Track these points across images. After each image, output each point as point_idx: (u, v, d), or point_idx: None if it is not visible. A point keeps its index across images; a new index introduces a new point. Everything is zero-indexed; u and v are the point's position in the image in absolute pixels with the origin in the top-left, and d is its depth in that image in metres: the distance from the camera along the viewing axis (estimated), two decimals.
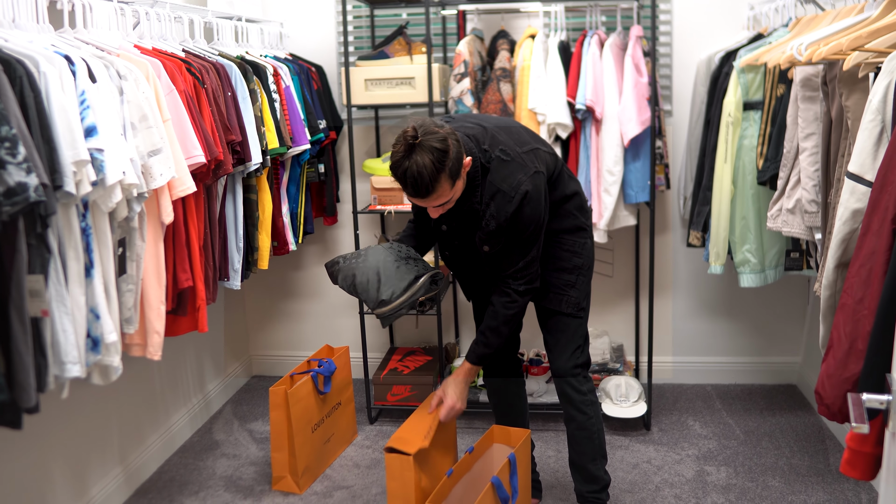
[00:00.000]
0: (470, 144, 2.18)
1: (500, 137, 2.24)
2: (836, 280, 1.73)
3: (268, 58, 3.19)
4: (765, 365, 3.78)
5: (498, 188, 2.19)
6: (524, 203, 2.18)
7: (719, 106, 2.97)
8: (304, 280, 4.01)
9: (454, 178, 2.06)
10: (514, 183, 2.18)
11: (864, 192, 1.64)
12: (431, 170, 1.99)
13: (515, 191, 2.17)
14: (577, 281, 2.44)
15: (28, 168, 1.61)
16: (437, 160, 1.99)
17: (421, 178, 1.99)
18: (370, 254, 2.36)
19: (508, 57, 3.27)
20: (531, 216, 2.21)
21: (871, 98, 1.70)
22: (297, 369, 3.05)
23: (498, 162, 2.20)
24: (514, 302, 2.33)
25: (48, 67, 1.82)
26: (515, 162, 2.20)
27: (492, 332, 2.38)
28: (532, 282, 2.33)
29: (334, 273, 2.39)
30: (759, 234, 2.98)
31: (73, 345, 1.84)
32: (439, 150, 1.99)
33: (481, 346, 2.41)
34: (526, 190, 2.17)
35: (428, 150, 1.98)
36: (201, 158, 2.33)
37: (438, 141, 2.00)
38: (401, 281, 2.31)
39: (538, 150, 2.29)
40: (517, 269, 2.30)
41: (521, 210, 2.19)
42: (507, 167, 2.20)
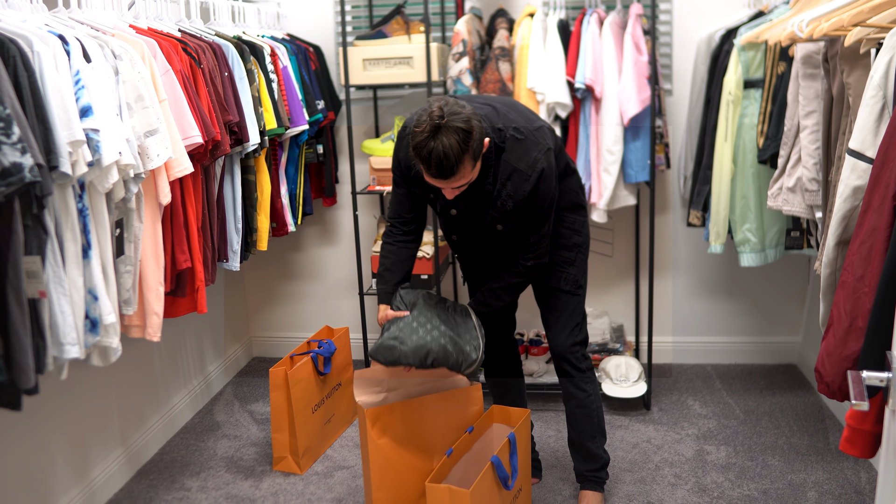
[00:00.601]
0: (484, 125, 2.16)
1: (512, 115, 2.23)
2: (837, 258, 1.73)
3: (265, 38, 3.16)
4: (765, 345, 3.78)
5: (515, 167, 2.18)
6: (541, 180, 2.19)
7: (720, 84, 2.95)
8: (303, 261, 4.00)
9: (476, 158, 2.03)
10: (531, 161, 2.18)
11: (864, 169, 1.63)
12: (458, 150, 1.96)
13: (532, 169, 2.17)
14: (575, 258, 2.45)
15: (23, 148, 1.60)
16: (462, 141, 1.96)
17: (447, 160, 1.96)
18: (422, 320, 2.29)
19: (507, 36, 3.24)
20: (546, 193, 2.22)
21: (873, 74, 1.69)
22: (297, 350, 3.05)
23: (513, 141, 2.18)
24: (520, 273, 2.36)
25: (42, 47, 1.80)
26: (529, 140, 2.19)
27: (491, 293, 2.41)
28: (541, 257, 2.34)
29: (397, 361, 2.26)
30: (760, 213, 2.98)
31: (71, 326, 1.83)
32: (465, 130, 1.97)
33: (477, 304, 2.44)
34: (542, 168, 2.18)
35: (454, 130, 1.95)
36: (198, 139, 2.32)
37: (463, 121, 1.97)
38: (468, 331, 2.35)
39: (545, 127, 2.29)
40: (528, 244, 2.31)
41: (537, 188, 2.20)
42: (523, 146, 2.18)
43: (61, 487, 2.55)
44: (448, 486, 2.09)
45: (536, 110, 3.14)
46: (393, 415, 2.42)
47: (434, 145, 1.95)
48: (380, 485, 2.43)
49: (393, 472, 2.43)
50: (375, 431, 2.40)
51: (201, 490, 2.83)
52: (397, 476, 2.44)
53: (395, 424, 2.43)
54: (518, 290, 2.42)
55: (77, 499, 2.61)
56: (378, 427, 2.41)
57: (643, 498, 2.68)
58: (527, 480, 2.51)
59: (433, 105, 1.98)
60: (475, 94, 2.39)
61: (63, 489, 2.56)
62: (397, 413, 2.43)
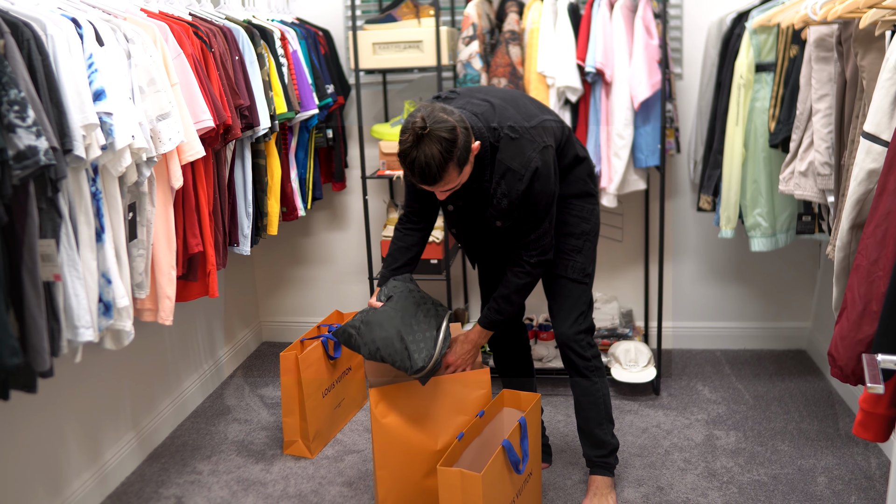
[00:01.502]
0: (478, 124, 2.17)
1: (508, 113, 2.22)
2: (851, 242, 1.72)
3: (275, 22, 3.16)
4: (775, 330, 3.78)
5: (508, 166, 2.18)
6: (535, 179, 2.19)
7: (731, 68, 2.93)
8: (313, 246, 4.01)
9: (462, 165, 2.06)
10: (524, 160, 2.18)
11: (879, 152, 1.62)
12: (440, 160, 1.99)
13: (526, 168, 2.17)
14: (583, 246, 2.45)
15: (38, 132, 1.60)
16: (445, 150, 1.99)
17: (429, 168, 2.00)
18: (386, 315, 2.32)
19: (517, 19, 3.23)
20: (542, 191, 2.22)
21: (889, 56, 1.67)
22: (307, 335, 3.06)
23: (507, 140, 2.19)
24: (526, 273, 2.35)
25: (55, 30, 1.80)
26: (524, 138, 2.19)
27: (504, 300, 2.40)
28: (544, 253, 2.34)
29: (353, 348, 2.36)
30: (771, 198, 2.96)
31: (85, 309, 1.84)
32: (448, 139, 1.99)
33: (493, 313, 2.43)
34: (536, 167, 2.18)
35: (437, 140, 1.98)
36: (210, 123, 2.32)
37: (447, 130, 1.99)
38: (425, 339, 2.32)
39: (546, 122, 2.27)
40: (529, 240, 2.31)
41: (531, 186, 2.19)
42: (516, 144, 2.19)
43: (74, 470, 2.57)
44: (459, 470, 2.10)
45: (546, 94, 3.13)
46: (398, 394, 2.44)
47: (417, 154, 1.99)
48: (383, 463, 2.45)
49: (396, 451, 2.45)
50: (380, 410, 2.42)
51: (212, 473, 2.85)
52: (400, 455, 2.46)
53: (399, 404, 2.45)
54: (528, 289, 2.40)
55: (90, 482, 2.63)
56: (382, 406, 2.43)
57: (653, 483, 2.69)
58: (537, 464, 2.51)
59: (417, 114, 2.01)
60: (478, 87, 2.37)
61: (76, 472, 2.58)
62: (402, 393, 2.44)
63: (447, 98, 2.28)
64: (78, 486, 2.58)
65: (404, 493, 2.48)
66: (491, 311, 2.43)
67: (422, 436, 2.47)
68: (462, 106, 2.20)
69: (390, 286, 2.42)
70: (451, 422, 2.48)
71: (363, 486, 2.75)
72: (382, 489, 2.46)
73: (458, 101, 2.24)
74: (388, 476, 2.46)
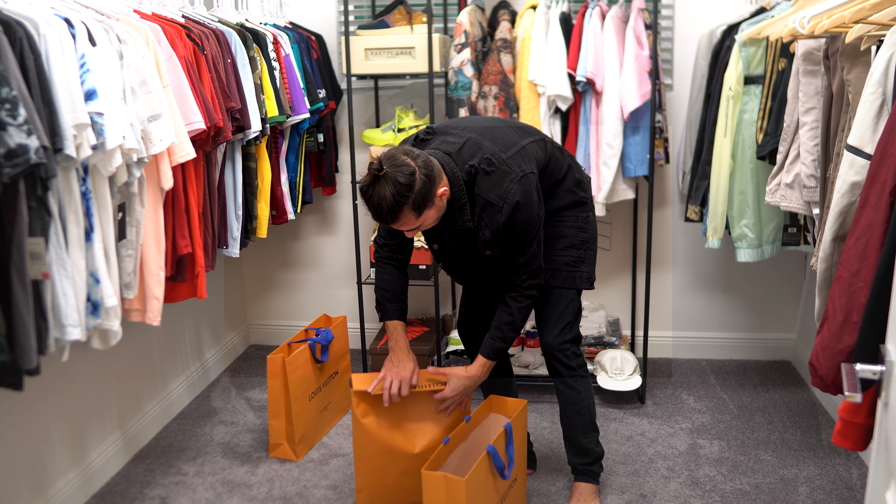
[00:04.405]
0: (451, 165, 2.18)
1: (485, 146, 2.23)
2: (833, 253, 1.74)
3: (267, 25, 3.17)
4: (760, 341, 3.80)
5: (486, 200, 2.19)
6: (515, 211, 2.19)
7: (720, 80, 2.96)
8: (302, 250, 4.01)
9: (420, 209, 2.08)
10: (502, 192, 2.18)
11: (863, 165, 1.65)
12: (392, 203, 2.02)
13: (504, 200, 2.18)
14: (585, 255, 2.48)
15: (29, 130, 1.61)
16: (398, 193, 2.01)
17: (381, 209, 2.05)
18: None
19: (509, 28, 3.25)
20: (525, 221, 2.23)
21: (873, 71, 1.70)
22: (294, 338, 3.06)
23: (482, 175, 2.19)
24: (524, 297, 2.37)
25: (48, 30, 1.81)
26: (500, 171, 2.19)
27: (508, 326, 2.39)
28: (535, 276, 2.35)
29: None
30: (758, 209, 2.99)
31: (73, 308, 1.85)
32: (402, 184, 2.01)
33: (498, 342, 2.42)
34: (516, 200, 2.18)
35: (391, 182, 2.01)
36: (201, 125, 2.33)
37: (404, 175, 2.02)
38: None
39: (525, 148, 2.28)
40: (518, 265, 2.32)
41: (513, 218, 2.20)
42: (493, 178, 2.19)
43: (59, 470, 2.57)
44: (444, 474, 2.11)
45: (537, 102, 3.15)
46: (379, 399, 2.46)
47: (371, 193, 2.05)
48: (361, 457, 2.52)
49: (373, 449, 2.50)
50: (360, 410, 2.48)
51: (197, 475, 2.85)
52: (378, 453, 2.51)
53: (380, 407, 2.49)
54: (527, 312, 2.40)
55: (74, 481, 2.63)
56: (363, 406, 2.48)
57: (636, 490, 2.70)
58: (522, 470, 2.52)
59: (378, 157, 2.06)
60: (456, 121, 2.37)
61: (61, 471, 2.57)
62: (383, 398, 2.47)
63: (423, 140, 2.29)
64: (62, 486, 2.57)
65: (381, 486, 2.55)
66: (495, 340, 2.41)
67: (400, 439, 2.52)
68: (437, 146, 2.23)
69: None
70: (429, 429, 2.53)
71: (348, 489, 2.75)
72: (360, 480, 2.56)
73: (433, 141, 2.26)
74: (365, 469, 2.54)
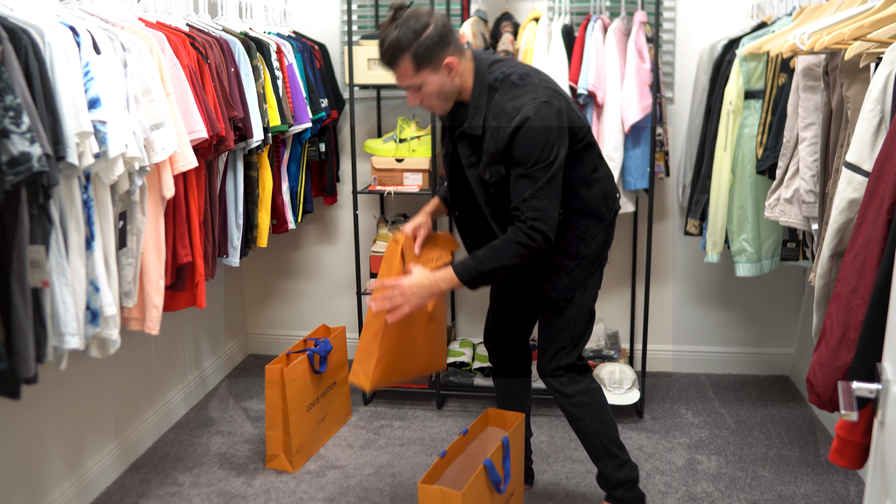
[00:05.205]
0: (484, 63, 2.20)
1: (530, 70, 2.21)
2: (831, 269, 1.75)
3: (271, 35, 3.18)
4: (758, 355, 3.80)
5: (502, 108, 2.14)
6: (522, 129, 2.09)
7: (721, 94, 2.97)
8: (302, 259, 4.01)
9: (419, 63, 2.11)
10: (518, 105, 2.11)
11: (861, 182, 1.65)
12: (395, 44, 2.09)
13: (516, 111, 2.10)
14: (574, 269, 2.32)
15: (32, 138, 1.62)
16: (403, 37, 2.07)
17: (384, 48, 2.12)
18: None
19: (512, 40, 3.26)
20: (531, 144, 2.10)
21: (872, 88, 1.71)
22: (293, 348, 3.07)
23: (509, 85, 2.16)
24: (525, 234, 2.13)
25: (53, 38, 1.82)
26: (528, 88, 2.14)
27: (490, 251, 2.18)
28: (542, 218, 2.12)
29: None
30: (757, 224, 2.99)
31: (72, 316, 1.85)
32: (411, 30, 2.07)
33: (472, 261, 2.20)
34: (527, 115, 2.09)
35: (403, 27, 2.08)
36: (203, 133, 2.34)
37: (416, 24, 2.08)
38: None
39: (565, 97, 2.22)
40: (524, 198, 2.13)
41: (518, 135, 2.10)
42: (516, 90, 2.15)
43: (55, 479, 2.56)
44: (440, 488, 2.11)
45: None
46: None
47: (384, 34, 2.12)
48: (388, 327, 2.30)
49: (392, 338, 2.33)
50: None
51: (193, 486, 2.84)
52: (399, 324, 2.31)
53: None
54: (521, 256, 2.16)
55: (70, 491, 2.62)
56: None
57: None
58: (519, 485, 2.52)
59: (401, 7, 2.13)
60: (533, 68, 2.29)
61: (56, 481, 2.57)
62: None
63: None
64: (58, 495, 2.56)
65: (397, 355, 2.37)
66: (470, 260, 2.21)
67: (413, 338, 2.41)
68: (494, 59, 2.24)
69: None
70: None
71: (344, 501, 2.74)
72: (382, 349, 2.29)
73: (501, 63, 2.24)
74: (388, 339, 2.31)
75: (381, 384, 2.37)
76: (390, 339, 2.30)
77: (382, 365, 2.32)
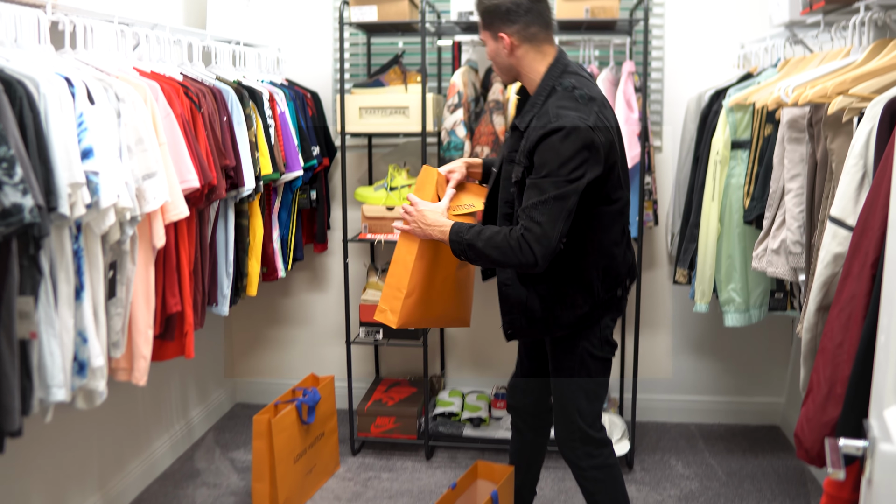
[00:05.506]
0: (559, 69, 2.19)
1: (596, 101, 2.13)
2: (817, 323, 1.76)
3: (264, 83, 3.22)
4: (749, 405, 3.79)
5: (547, 110, 2.09)
6: (555, 132, 2.02)
7: (708, 144, 3.01)
8: (291, 307, 4.00)
9: (483, 22, 2.23)
10: (562, 114, 2.05)
11: (845, 237, 1.67)
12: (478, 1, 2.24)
13: (557, 118, 2.04)
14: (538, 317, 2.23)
15: (24, 189, 1.62)
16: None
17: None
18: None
19: (502, 89, 3.31)
20: (555, 152, 2.02)
21: (854, 143, 1.74)
22: (281, 398, 3.04)
23: (568, 95, 2.11)
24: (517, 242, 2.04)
25: (48, 89, 1.84)
26: (583, 106, 2.08)
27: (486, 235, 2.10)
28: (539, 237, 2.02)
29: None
30: (745, 273, 3.01)
31: (59, 368, 1.83)
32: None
33: (470, 232, 2.13)
34: (563, 125, 2.02)
35: None
36: (195, 183, 2.35)
37: None
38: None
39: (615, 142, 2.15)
40: (525, 207, 2.05)
41: (545, 139, 2.04)
42: (572, 102, 2.09)
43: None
44: None
45: None
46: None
47: None
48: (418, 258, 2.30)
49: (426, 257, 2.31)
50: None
51: None
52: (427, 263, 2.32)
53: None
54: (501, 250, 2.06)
55: None
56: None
57: None
58: None
59: None
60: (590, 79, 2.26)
61: None
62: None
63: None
64: None
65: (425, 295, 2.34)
66: (471, 229, 2.14)
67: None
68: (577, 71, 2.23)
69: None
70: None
71: None
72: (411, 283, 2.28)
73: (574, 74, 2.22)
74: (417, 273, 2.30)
75: (408, 324, 2.31)
76: (420, 273, 2.27)
77: (412, 301, 2.27)
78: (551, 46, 2.24)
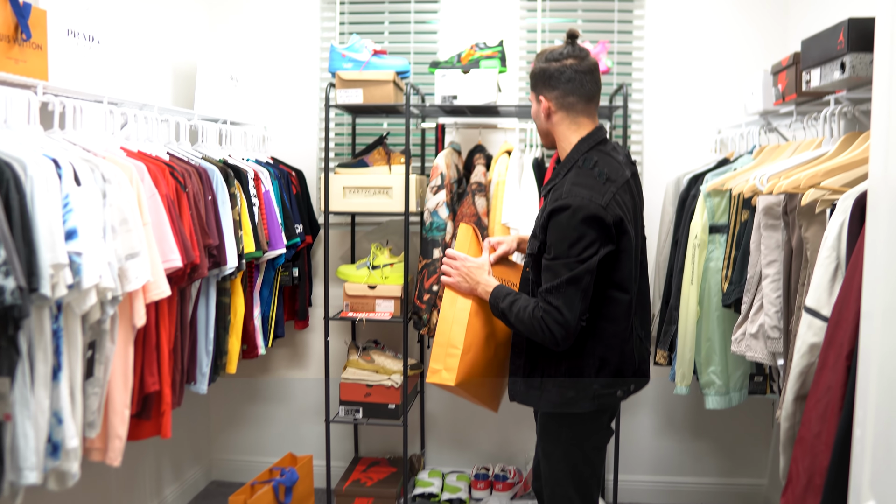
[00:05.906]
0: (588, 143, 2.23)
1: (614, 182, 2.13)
2: (795, 412, 1.77)
3: (250, 161, 3.26)
4: (731, 486, 3.76)
5: (562, 186, 2.12)
6: (562, 210, 2.05)
7: (686, 227, 3.06)
8: (271, 384, 3.96)
9: (532, 83, 2.29)
10: (574, 191, 2.06)
11: (820, 327, 1.70)
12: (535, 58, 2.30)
13: (568, 195, 2.06)
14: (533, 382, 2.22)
15: (6, 271, 1.62)
16: (538, 57, 2.28)
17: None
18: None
19: (484, 172, 3.37)
20: (560, 229, 2.05)
21: (827, 235, 1.78)
22: (258, 478, 3.00)
23: (587, 172, 2.12)
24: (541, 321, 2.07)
25: (35, 171, 1.86)
26: (599, 184, 2.09)
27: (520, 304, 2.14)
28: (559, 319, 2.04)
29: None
30: (724, 356, 3.02)
31: (32, 450, 1.80)
32: (545, 56, 2.25)
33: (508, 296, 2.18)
34: (570, 203, 2.03)
35: (551, 51, 2.25)
36: (178, 263, 2.36)
37: (553, 55, 2.24)
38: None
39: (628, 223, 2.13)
40: (542, 290, 2.09)
41: (553, 215, 2.06)
42: (588, 179, 2.10)
43: None
44: None
45: None
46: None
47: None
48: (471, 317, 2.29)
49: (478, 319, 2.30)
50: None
51: None
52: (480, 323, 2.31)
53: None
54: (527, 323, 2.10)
55: None
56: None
57: None
58: None
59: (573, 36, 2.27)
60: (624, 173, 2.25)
61: None
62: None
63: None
64: None
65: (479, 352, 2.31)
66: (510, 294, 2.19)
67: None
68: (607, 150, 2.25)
69: None
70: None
71: None
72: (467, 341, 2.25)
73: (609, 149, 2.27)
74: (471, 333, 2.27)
75: (466, 383, 2.24)
76: (475, 330, 2.26)
77: (469, 358, 2.23)
78: (588, 119, 2.26)
